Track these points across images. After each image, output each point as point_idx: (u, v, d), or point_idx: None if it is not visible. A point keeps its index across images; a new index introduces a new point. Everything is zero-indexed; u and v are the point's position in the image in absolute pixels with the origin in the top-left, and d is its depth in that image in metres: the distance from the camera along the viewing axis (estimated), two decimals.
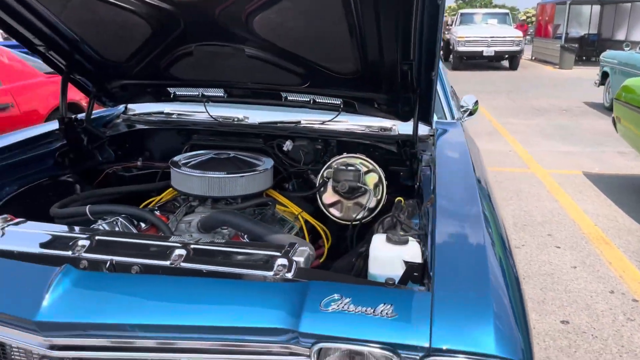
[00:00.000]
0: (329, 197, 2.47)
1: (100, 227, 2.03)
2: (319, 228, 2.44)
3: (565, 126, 9.42)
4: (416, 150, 2.38)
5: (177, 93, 2.83)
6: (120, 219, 2.07)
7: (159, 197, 2.59)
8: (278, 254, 1.58)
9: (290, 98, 2.71)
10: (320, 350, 1.32)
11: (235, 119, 2.96)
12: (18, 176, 2.38)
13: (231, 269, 1.53)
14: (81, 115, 2.78)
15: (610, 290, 3.73)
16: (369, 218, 2.43)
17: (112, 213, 2.12)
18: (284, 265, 1.52)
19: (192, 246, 1.61)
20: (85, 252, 1.58)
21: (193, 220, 2.21)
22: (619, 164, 6.99)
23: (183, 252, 1.57)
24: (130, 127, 3.00)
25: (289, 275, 1.50)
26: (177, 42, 2.28)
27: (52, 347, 1.34)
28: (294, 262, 1.55)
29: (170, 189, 2.58)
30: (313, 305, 1.33)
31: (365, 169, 2.42)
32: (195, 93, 2.81)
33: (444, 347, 1.23)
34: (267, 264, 1.55)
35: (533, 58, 22.73)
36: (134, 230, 2.12)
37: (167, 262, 1.55)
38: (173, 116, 3.05)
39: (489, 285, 1.37)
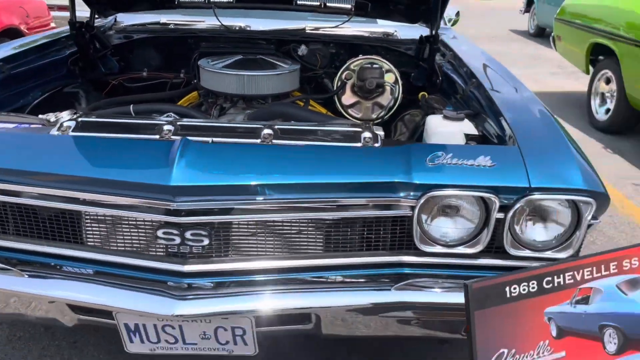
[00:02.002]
0: (348, 98, 2.58)
1: None
2: None
3: (498, 51, 9.87)
4: (438, 47, 2.52)
5: (181, 0, 2.76)
6: (174, 115, 2.07)
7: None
8: (360, 129, 1.70)
9: (300, 2, 2.73)
10: (423, 203, 1.48)
11: (237, 27, 2.94)
12: (38, 82, 2.29)
13: (322, 143, 1.64)
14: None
15: None
16: (387, 116, 2.58)
17: (158, 112, 2.12)
18: (370, 138, 1.65)
19: (276, 126, 1.68)
20: (174, 135, 1.62)
21: (236, 118, 2.25)
22: (553, 83, 7.54)
23: (270, 131, 1.65)
24: (128, 37, 2.90)
25: (377, 145, 1.63)
26: None
27: (179, 213, 1.41)
28: (378, 135, 1.67)
29: (187, 97, 2.58)
30: (420, 161, 1.48)
31: (384, 69, 2.54)
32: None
33: (542, 186, 1.43)
34: (354, 137, 1.66)
35: None
36: None
37: (258, 140, 1.62)
38: (170, 26, 2.98)
39: (563, 136, 1.58)
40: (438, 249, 1.55)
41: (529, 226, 1.54)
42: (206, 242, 1.48)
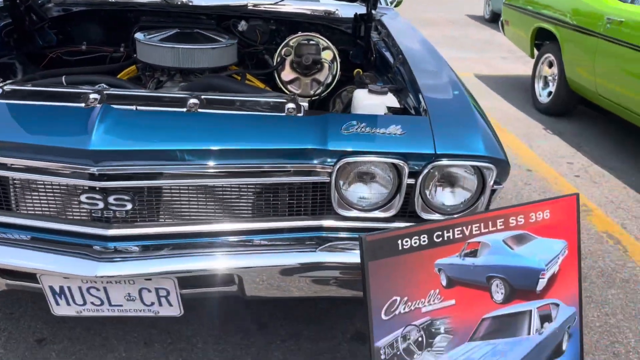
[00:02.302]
0: (287, 74, 2.63)
1: None
2: None
3: (455, 36, 10.10)
4: (372, 24, 2.59)
5: None
6: (104, 86, 2.09)
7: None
8: (285, 100, 1.77)
9: None
10: (339, 169, 1.57)
11: (179, 2, 2.95)
12: None
13: (246, 112, 1.70)
14: None
15: None
16: (325, 93, 2.65)
17: (90, 83, 2.13)
18: (293, 108, 1.72)
19: (203, 96, 1.73)
20: (99, 103, 1.65)
21: (171, 90, 2.28)
22: (503, 67, 7.78)
23: (196, 100, 1.70)
24: (67, 10, 2.87)
25: (300, 115, 1.71)
26: None
27: (101, 177, 1.46)
28: (301, 106, 1.75)
29: (125, 71, 2.59)
30: (336, 130, 1.57)
31: (321, 46, 2.61)
32: None
33: (447, 153, 1.54)
34: (278, 108, 1.73)
35: None
36: None
37: (184, 109, 1.67)
38: (110, 0, 2.96)
39: (472, 109, 1.69)
40: (355, 213, 1.64)
41: (438, 191, 1.65)
42: (129, 206, 1.53)
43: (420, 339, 1.25)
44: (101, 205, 1.52)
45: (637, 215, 3.55)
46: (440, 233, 1.25)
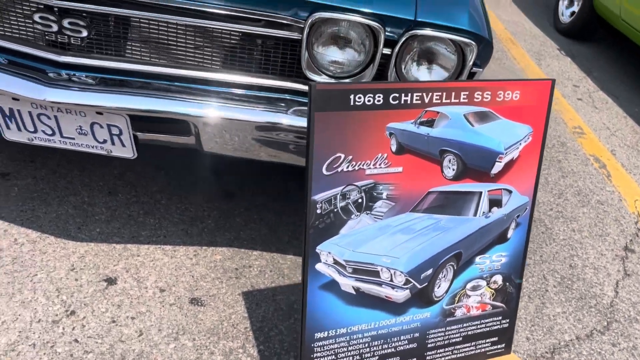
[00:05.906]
0: None
1: None
2: None
3: None
4: None
5: None
6: None
7: None
8: None
9: None
10: (313, 24, 1.47)
11: None
12: None
13: None
14: None
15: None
16: None
17: None
18: None
19: None
20: None
21: None
22: None
23: None
24: None
25: None
26: None
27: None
28: None
29: None
30: None
31: None
32: None
33: (427, 21, 1.43)
34: None
35: None
36: None
37: None
38: None
39: None
40: (324, 79, 1.56)
41: (414, 67, 1.56)
42: (85, 33, 1.45)
43: (360, 200, 1.22)
44: (55, 28, 1.44)
45: (630, 144, 3.47)
46: (397, 95, 1.18)
